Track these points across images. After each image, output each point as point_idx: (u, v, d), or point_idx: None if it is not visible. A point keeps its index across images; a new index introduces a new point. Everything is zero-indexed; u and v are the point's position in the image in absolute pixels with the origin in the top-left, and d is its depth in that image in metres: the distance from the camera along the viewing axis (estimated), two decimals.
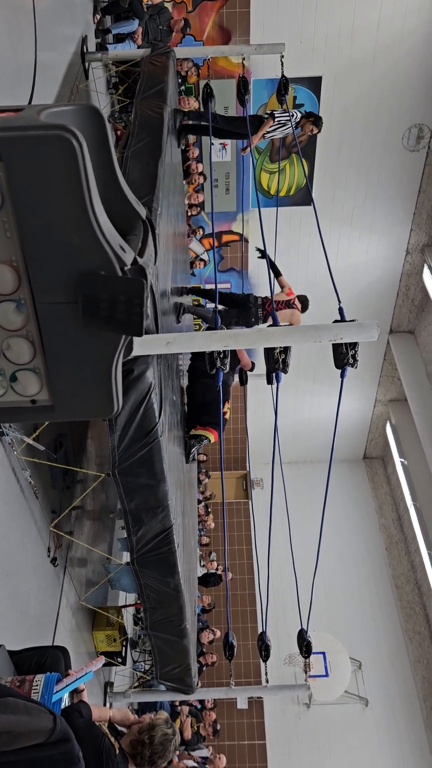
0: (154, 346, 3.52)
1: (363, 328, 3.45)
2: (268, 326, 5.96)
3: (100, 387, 2.03)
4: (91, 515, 6.75)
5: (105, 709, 3.21)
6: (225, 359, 3.90)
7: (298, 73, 9.53)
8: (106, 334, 1.88)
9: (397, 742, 11.29)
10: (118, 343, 1.94)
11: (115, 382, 2.03)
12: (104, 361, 1.98)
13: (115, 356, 1.98)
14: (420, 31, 9.37)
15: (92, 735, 2.95)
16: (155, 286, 3.83)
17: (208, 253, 11.77)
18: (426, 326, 12.60)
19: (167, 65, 6.31)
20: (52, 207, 1.64)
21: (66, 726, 2.57)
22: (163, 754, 2.96)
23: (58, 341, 1.92)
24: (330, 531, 12.94)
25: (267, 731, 11.42)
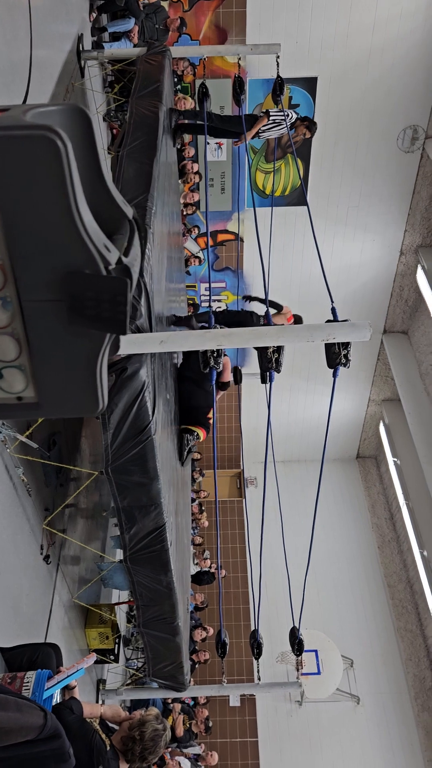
0: (148, 345, 3.54)
1: (355, 328, 3.48)
2: None
3: (86, 385, 2.05)
4: (84, 514, 6.77)
5: (96, 705, 3.23)
6: (218, 358, 3.92)
7: (294, 73, 9.56)
8: (91, 333, 1.90)
9: (387, 739, 11.35)
10: (102, 342, 1.96)
11: (100, 379, 2.04)
12: (89, 359, 1.99)
13: (100, 354, 1.99)
14: (415, 33, 9.41)
15: (83, 732, 2.97)
16: (149, 284, 3.85)
17: (203, 252, 11.78)
18: (419, 327, 12.65)
19: (163, 64, 6.31)
20: (37, 207, 1.66)
21: (57, 722, 2.58)
22: (153, 749, 2.98)
23: (44, 339, 1.93)
24: (323, 530, 13.04)
25: (259, 728, 11.47)
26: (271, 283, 7.40)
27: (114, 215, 1.96)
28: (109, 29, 7.46)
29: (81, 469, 5.46)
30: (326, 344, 3.84)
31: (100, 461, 6.39)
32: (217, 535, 6.13)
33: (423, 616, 12.59)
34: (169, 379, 5.70)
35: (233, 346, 3.54)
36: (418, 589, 12.74)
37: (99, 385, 2.07)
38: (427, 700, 11.71)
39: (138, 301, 3.62)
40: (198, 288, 12.26)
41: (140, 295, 3.65)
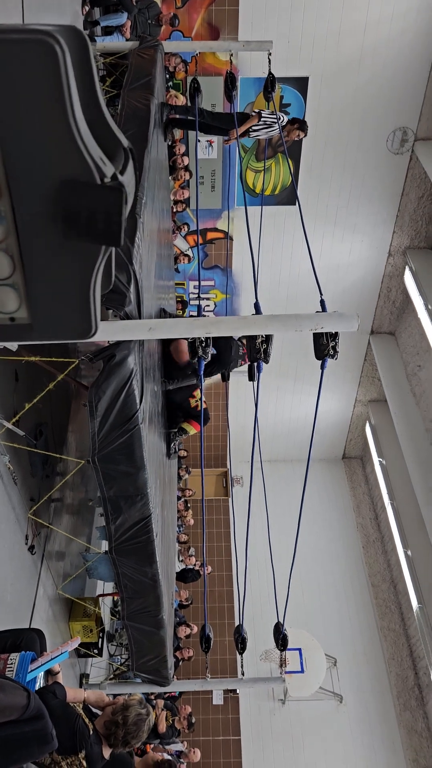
0: (137, 332, 3.54)
1: (343, 319, 3.50)
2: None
3: (79, 306, 2.04)
4: (70, 509, 6.74)
5: (79, 690, 3.22)
6: (207, 348, 3.93)
7: (285, 73, 9.60)
8: (85, 248, 1.89)
9: (369, 737, 11.40)
10: (96, 259, 1.95)
11: (93, 302, 2.04)
12: (83, 277, 1.98)
13: (93, 273, 1.98)
14: (406, 35, 9.49)
15: (66, 716, 2.96)
16: (138, 273, 3.85)
17: (192, 249, 11.79)
18: (406, 328, 12.74)
19: (155, 58, 6.32)
20: (33, 114, 1.65)
21: (40, 703, 2.58)
22: (136, 734, 2.98)
23: (38, 256, 1.92)
24: (308, 529, 13.10)
25: (242, 727, 11.47)
26: (260, 282, 7.41)
27: (109, 142, 1.93)
28: (102, 23, 7.45)
29: (67, 458, 5.44)
30: (314, 335, 3.86)
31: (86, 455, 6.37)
32: (203, 533, 6.13)
33: (406, 615, 12.67)
34: (156, 371, 5.71)
35: (222, 334, 3.55)
36: (401, 589, 12.82)
37: (92, 308, 2.05)
38: (409, 699, 11.78)
39: (127, 288, 3.63)
40: (187, 286, 12.27)
41: (129, 282, 3.66)
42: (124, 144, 2.00)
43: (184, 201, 10.43)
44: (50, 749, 2.63)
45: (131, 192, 1.95)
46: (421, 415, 12.00)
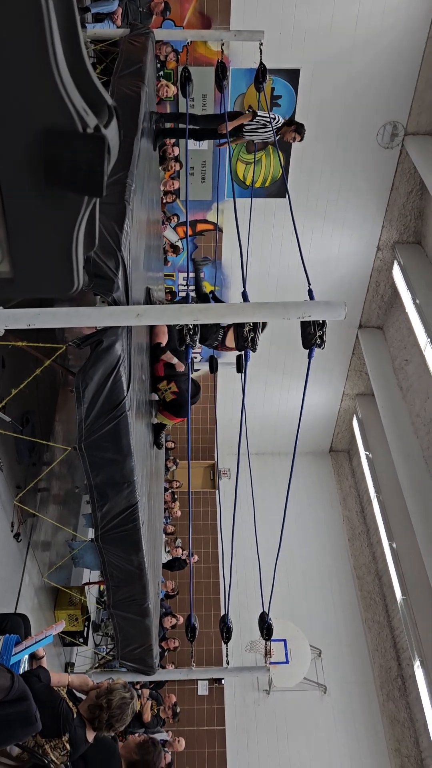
0: (124, 318, 3.54)
1: (330, 307, 3.52)
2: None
3: (61, 261, 2.03)
4: (56, 499, 6.73)
5: (63, 675, 3.23)
6: (195, 336, 3.93)
7: (277, 64, 9.57)
8: (67, 199, 1.88)
9: (353, 727, 11.51)
10: (79, 210, 1.94)
11: (76, 257, 2.03)
12: (65, 230, 1.97)
13: (76, 225, 1.97)
14: (397, 29, 9.50)
15: (50, 699, 2.97)
16: (127, 260, 3.84)
17: (181, 241, 11.76)
18: (394, 322, 12.80)
19: (146, 45, 6.29)
20: (15, 59, 1.62)
21: (24, 685, 2.58)
22: (120, 717, 2.99)
23: (20, 208, 1.90)
24: (295, 522, 13.15)
25: (227, 717, 11.54)
26: (249, 275, 7.38)
27: (93, 96, 1.91)
28: (92, 10, 7.39)
29: (54, 445, 5.42)
30: (302, 324, 3.87)
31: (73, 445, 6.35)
32: (189, 524, 6.14)
33: (390, 607, 12.78)
34: (144, 359, 5.70)
35: (209, 321, 3.55)
36: (386, 581, 12.93)
37: (74, 263, 2.03)
38: (392, 690, 11.90)
39: (115, 274, 3.62)
40: (176, 277, 12.24)
41: (117, 268, 3.65)
42: (108, 101, 1.98)
43: (174, 192, 10.40)
44: (34, 731, 2.64)
45: (115, 147, 1.93)
46: (407, 409, 12.08)
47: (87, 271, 3.65)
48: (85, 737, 3.01)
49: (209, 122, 7.33)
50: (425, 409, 11.30)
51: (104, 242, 3.71)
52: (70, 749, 2.92)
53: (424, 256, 11.64)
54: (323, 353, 12.77)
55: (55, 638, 6.58)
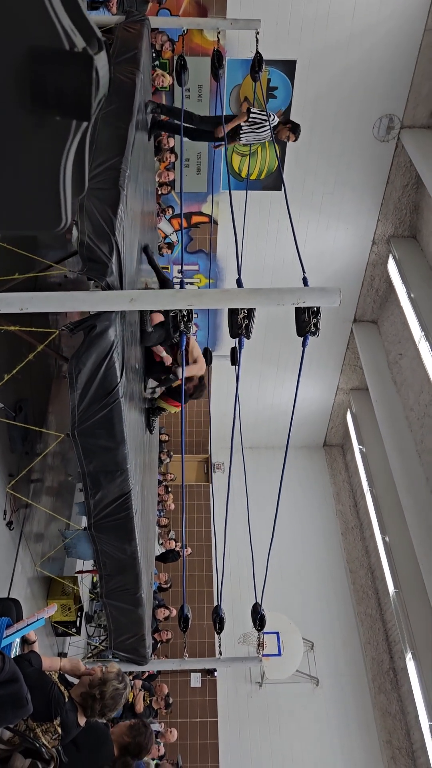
0: (118, 303, 3.52)
1: (325, 293, 3.50)
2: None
3: (49, 192, 1.99)
4: (50, 490, 6.71)
5: (55, 659, 3.21)
6: (189, 323, 3.92)
7: (273, 55, 9.53)
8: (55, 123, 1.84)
9: (345, 720, 11.56)
10: (67, 137, 1.91)
11: (64, 190, 2.00)
12: (53, 159, 1.93)
13: (64, 154, 1.94)
14: (393, 20, 9.46)
15: (42, 683, 2.95)
16: (121, 245, 3.81)
17: (176, 233, 11.72)
18: (388, 316, 12.81)
19: (142, 33, 6.23)
20: None
21: (15, 667, 2.57)
22: (113, 707, 2.99)
23: (6, 134, 1.87)
24: (288, 516, 13.15)
25: (219, 709, 11.56)
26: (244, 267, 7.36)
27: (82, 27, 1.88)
28: None
29: (47, 431, 5.40)
30: (296, 312, 3.86)
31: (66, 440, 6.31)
32: (183, 517, 6.13)
33: (383, 601, 12.83)
34: (138, 349, 5.68)
35: (204, 307, 3.53)
36: (378, 575, 12.97)
37: (62, 197, 1.99)
38: (383, 683, 11.95)
39: (109, 259, 3.60)
40: (171, 270, 12.20)
41: (111, 253, 3.62)
42: (97, 34, 1.95)
43: (169, 183, 10.36)
44: (25, 714, 2.63)
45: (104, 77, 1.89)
46: (401, 403, 12.10)
47: (81, 255, 3.63)
48: (77, 721, 3.00)
49: (206, 125, 7.26)
50: (419, 403, 11.32)
51: (98, 227, 3.69)
52: (62, 733, 2.91)
53: (419, 250, 11.64)
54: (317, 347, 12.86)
55: (48, 628, 6.57)
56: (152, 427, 6.58)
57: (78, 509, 6.42)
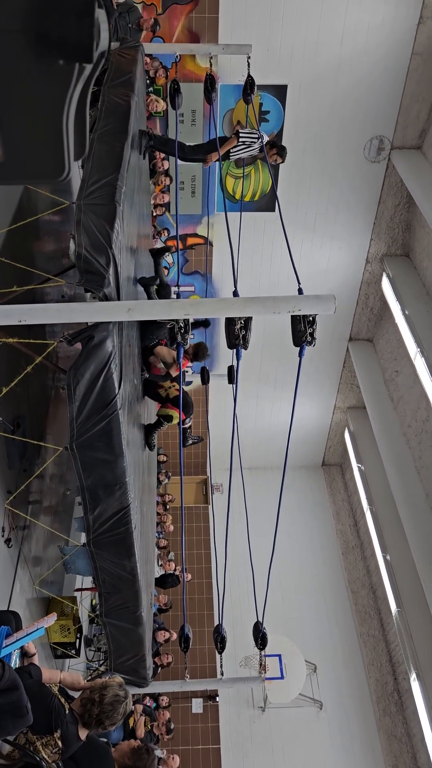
0: (115, 313, 3.55)
1: (320, 301, 3.54)
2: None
3: (52, 141, 2.02)
4: (48, 510, 6.67)
5: (55, 671, 3.18)
6: (186, 334, 3.95)
7: (264, 80, 9.75)
8: (58, 69, 1.88)
9: (350, 744, 11.34)
10: (70, 80, 1.94)
11: (66, 139, 2.02)
12: (57, 106, 1.97)
13: (67, 99, 1.97)
14: (382, 46, 9.71)
15: (42, 695, 2.92)
16: (118, 258, 3.86)
17: (172, 255, 11.83)
18: (384, 334, 12.89)
19: (136, 58, 6.39)
20: None
21: (14, 675, 2.54)
22: (111, 714, 2.94)
23: (9, 80, 1.90)
24: (288, 536, 13.06)
25: (222, 735, 11.34)
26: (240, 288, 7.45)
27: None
28: None
29: (45, 445, 5.38)
30: (292, 321, 3.90)
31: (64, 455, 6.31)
32: (182, 540, 6.08)
33: (385, 621, 12.68)
34: (136, 364, 5.71)
35: (200, 316, 3.57)
36: (380, 595, 12.84)
37: (65, 146, 2.02)
38: (388, 705, 11.76)
39: (106, 270, 3.64)
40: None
41: (108, 265, 3.67)
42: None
43: (164, 205, 10.49)
44: (25, 724, 2.59)
45: (105, 30, 1.93)
46: (399, 420, 12.11)
47: (78, 267, 3.67)
48: (77, 734, 2.95)
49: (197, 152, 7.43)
50: (416, 419, 11.34)
51: (95, 239, 3.74)
52: (62, 746, 2.86)
53: (412, 268, 11.77)
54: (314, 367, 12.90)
55: (47, 650, 6.48)
56: (153, 443, 6.58)
57: (77, 525, 6.37)
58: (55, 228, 7.07)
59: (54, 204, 5.89)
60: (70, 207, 6.56)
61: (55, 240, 6.98)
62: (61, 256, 6.86)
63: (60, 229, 7.18)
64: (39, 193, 5.79)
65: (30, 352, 4.04)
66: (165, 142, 7.44)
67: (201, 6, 9.33)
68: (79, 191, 4.14)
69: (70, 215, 7.23)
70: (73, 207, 3.99)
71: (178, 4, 9.32)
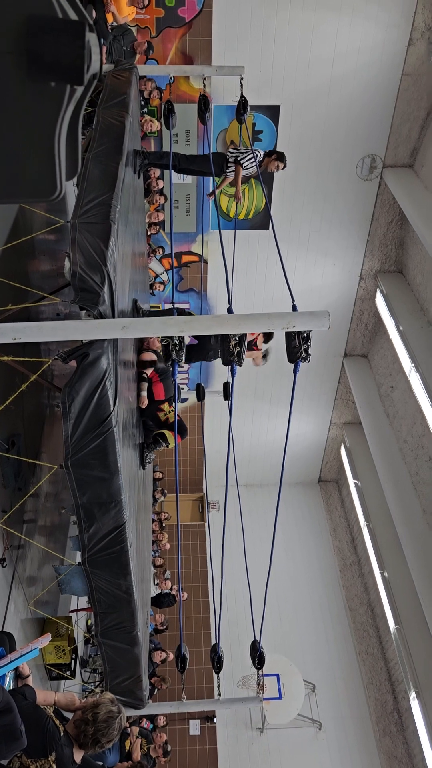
0: (110, 330, 3.56)
1: (314, 317, 3.56)
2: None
3: (44, 159, 2.03)
4: (42, 530, 6.63)
5: (50, 693, 3.13)
6: (180, 351, 3.96)
7: (257, 101, 9.89)
8: (50, 88, 1.90)
9: (349, 764, 11.18)
10: (62, 102, 1.96)
11: (58, 158, 2.04)
12: (48, 125, 1.98)
13: (59, 119, 1.99)
14: (372, 66, 9.87)
15: (36, 717, 2.87)
16: (113, 275, 3.88)
17: (167, 273, 11.90)
18: (378, 350, 12.95)
19: (130, 80, 6.46)
20: None
21: (8, 697, 2.51)
22: (107, 731, 2.89)
23: (2, 102, 1.92)
24: (285, 554, 12.98)
25: (219, 757, 11.16)
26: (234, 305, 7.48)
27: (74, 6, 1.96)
28: None
29: (40, 463, 5.37)
30: (287, 337, 3.92)
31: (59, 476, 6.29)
32: (178, 558, 6.05)
33: (384, 639, 12.57)
34: (130, 383, 5.70)
35: (195, 333, 3.58)
36: (379, 612, 12.75)
37: (57, 164, 2.03)
38: (388, 725, 11.61)
39: (101, 288, 3.65)
40: (162, 308, 12.32)
41: (103, 282, 3.68)
42: (88, 19, 2.03)
43: (159, 224, 10.57)
44: (19, 747, 2.55)
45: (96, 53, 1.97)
46: (394, 436, 12.11)
47: (73, 285, 3.69)
48: (73, 757, 2.90)
49: (191, 163, 7.52)
50: (412, 434, 11.34)
51: (89, 258, 3.75)
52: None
53: (405, 284, 11.86)
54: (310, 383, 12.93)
55: (42, 671, 6.40)
56: (147, 461, 6.56)
57: (72, 544, 6.33)
58: (51, 247, 7.11)
59: (49, 223, 5.94)
60: (65, 226, 6.61)
61: (50, 259, 7.02)
62: (57, 274, 6.89)
63: (55, 248, 7.23)
64: (34, 212, 5.83)
65: (25, 371, 4.04)
66: (161, 156, 7.53)
67: (194, 29, 9.48)
68: (74, 210, 4.17)
69: (65, 234, 7.28)
70: (68, 226, 4.01)
71: (171, 27, 9.46)
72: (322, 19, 9.49)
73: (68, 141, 2.07)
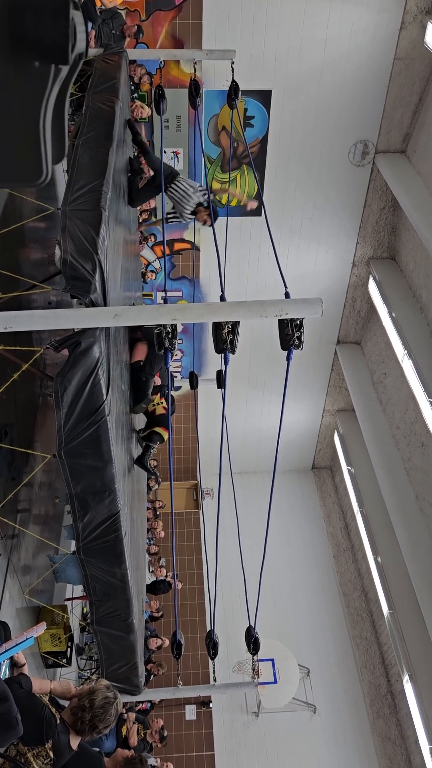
0: (102, 319, 3.54)
1: (307, 304, 3.55)
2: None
3: (29, 145, 2.00)
4: (37, 519, 6.62)
5: (46, 681, 3.14)
6: (173, 339, 3.94)
7: (249, 86, 9.80)
8: (34, 70, 1.86)
9: (344, 747, 11.32)
10: (46, 83, 1.93)
11: (44, 141, 2.01)
12: (34, 107, 1.95)
13: (43, 101, 1.96)
14: (364, 50, 9.78)
15: (32, 705, 2.88)
16: (104, 263, 3.84)
17: (159, 260, 11.84)
18: (371, 337, 12.95)
19: (120, 64, 6.38)
20: None
21: (4, 686, 2.51)
22: (103, 717, 2.91)
23: None
24: (279, 540, 13.03)
25: (215, 742, 11.28)
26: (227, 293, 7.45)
27: None
28: None
29: (33, 452, 5.35)
30: (279, 325, 3.90)
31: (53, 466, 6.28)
32: (173, 546, 6.07)
33: (377, 623, 12.70)
34: (124, 371, 5.68)
35: (187, 321, 3.56)
36: (372, 597, 12.86)
37: (43, 147, 2.00)
38: (381, 707, 11.76)
39: (92, 276, 3.63)
40: (155, 297, 12.29)
41: (94, 270, 3.65)
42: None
43: (150, 210, 10.49)
44: (15, 735, 2.56)
45: (81, 32, 1.92)
46: (387, 422, 12.16)
47: (64, 273, 3.66)
48: (69, 744, 2.92)
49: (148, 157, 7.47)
50: (405, 420, 11.38)
51: (80, 245, 3.72)
52: (54, 757, 2.83)
53: (398, 270, 11.84)
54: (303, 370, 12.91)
55: (38, 659, 6.43)
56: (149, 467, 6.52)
57: (66, 533, 6.33)
58: (41, 235, 7.05)
59: (39, 210, 5.88)
60: (55, 214, 6.55)
61: (41, 247, 6.95)
62: (48, 262, 6.84)
63: (46, 236, 7.16)
64: (24, 199, 5.77)
65: (16, 360, 4.01)
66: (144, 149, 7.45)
67: (185, 12, 9.36)
68: (64, 197, 4.12)
69: (55, 222, 7.22)
70: (59, 213, 3.97)
71: (161, 11, 9.34)
72: (314, 2, 9.39)
73: (54, 123, 2.04)
